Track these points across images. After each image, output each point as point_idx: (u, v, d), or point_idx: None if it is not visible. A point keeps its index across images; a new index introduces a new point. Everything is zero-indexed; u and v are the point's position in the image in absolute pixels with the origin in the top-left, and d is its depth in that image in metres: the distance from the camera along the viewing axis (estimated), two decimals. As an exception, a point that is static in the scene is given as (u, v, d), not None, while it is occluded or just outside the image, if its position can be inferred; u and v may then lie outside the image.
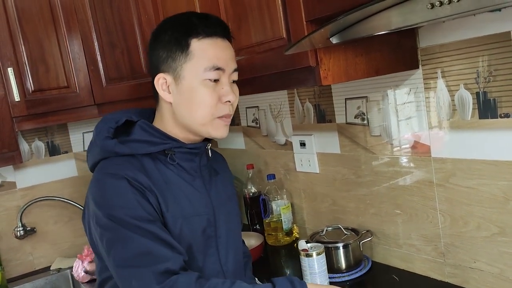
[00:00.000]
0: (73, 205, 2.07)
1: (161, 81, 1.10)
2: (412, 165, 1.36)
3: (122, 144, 1.08)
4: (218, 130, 1.10)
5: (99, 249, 1.08)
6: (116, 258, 1.01)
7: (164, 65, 1.08)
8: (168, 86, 1.09)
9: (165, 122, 1.13)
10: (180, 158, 1.12)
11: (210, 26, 1.07)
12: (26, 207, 1.99)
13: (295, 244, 1.58)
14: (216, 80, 1.07)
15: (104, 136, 1.10)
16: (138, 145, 1.09)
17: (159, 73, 1.09)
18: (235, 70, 1.11)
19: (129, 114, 1.15)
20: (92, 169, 1.13)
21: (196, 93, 1.07)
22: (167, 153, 1.11)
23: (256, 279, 1.37)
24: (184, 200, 1.10)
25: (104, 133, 1.10)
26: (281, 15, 1.12)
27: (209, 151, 1.19)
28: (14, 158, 1.70)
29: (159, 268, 0.97)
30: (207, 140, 1.19)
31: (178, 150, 1.11)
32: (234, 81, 1.13)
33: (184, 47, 1.06)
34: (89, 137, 2.19)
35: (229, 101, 1.09)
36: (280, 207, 1.79)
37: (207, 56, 1.06)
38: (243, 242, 1.37)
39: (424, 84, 1.28)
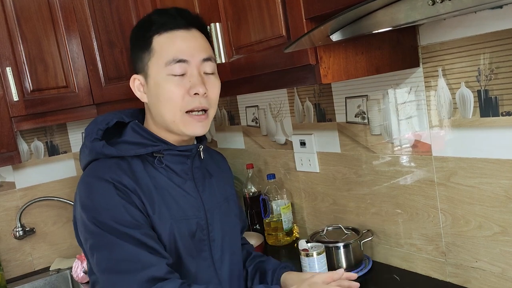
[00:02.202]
0: (72, 205, 2.06)
1: (136, 83, 1.10)
2: (413, 164, 1.35)
3: (110, 146, 1.07)
4: (189, 127, 1.07)
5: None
6: (100, 263, 1.01)
7: (135, 66, 1.10)
8: (143, 87, 1.10)
9: (149, 123, 1.13)
10: (170, 161, 1.10)
11: (171, 20, 1.06)
12: (25, 207, 1.98)
13: (296, 244, 1.58)
14: (183, 74, 1.04)
15: (93, 138, 1.09)
16: (126, 146, 1.08)
17: (133, 74, 1.11)
18: (206, 60, 1.07)
19: (121, 115, 1.14)
20: (84, 170, 1.13)
21: (162, 89, 1.04)
22: (155, 156, 1.09)
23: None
24: (172, 203, 1.08)
25: (93, 135, 1.10)
26: (281, 12, 1.11)
27: (201, 152, 1.17)
28: (13, 158, 1.70)
29: (144, 276, 0.97)
30: (199, 141, 1.17)
31: (168, 153, 1.10)
32: (211, 73, 1.08)
33: (147, 45, 1.06)
34: (88, 137, 2.20)
35: (197, 94, 1.04)
36: (280, 207, 1.78)
37: (167, 49, 1.04)
38: (247, 241, 1.36)
39: (425, 82, 1.27)
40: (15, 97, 1.66)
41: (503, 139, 1.12)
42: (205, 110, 1.07)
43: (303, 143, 1.71)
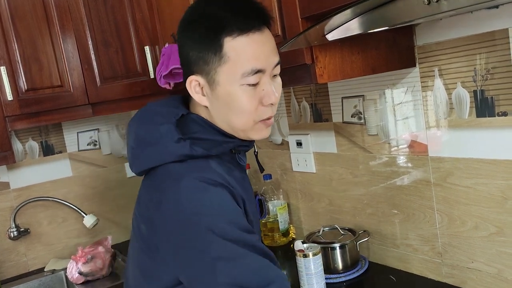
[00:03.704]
0: (68, 205, 2.05)
1: (193, 84, 0.96)
2: (409, 164, 1.35)
3: (195, 145, 0.95)
4: (260, 133, 0.98)
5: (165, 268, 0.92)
6: (223, 276, 0.85)
7: (196, 66, 0.94)
8: (201, 88, 0.96)
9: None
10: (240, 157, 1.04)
11: (245, 19, 0.90)
12: (20, 207, 1.97)
13: (292, 245, 1.57)
14: (256, 83, 0.93)
15: (176, 138, 0.95)
16: (208, 145, 0.96)
17: (191, 74, 0.96)
18: (277, 64, 0.95)
19: (179, 107, 1.01)
20: (143, 173, 1.00)
21: (234, 99, 0.93)
22: (234, 152, 1.00)
23: None
24: (250, 206, 1.00)
25: (175, 134, 0.95)
26: (276, 11, 1.11)
27: (254, 146, 1.09)
28: (7, 158, 1.68)
29: None
30: None
31: (241, 149, 1.02)
32: (275, 75, 0.97)
33: (216, 48, 0.90)
34: (84, 136, 2.18)
35: (272, 104, 0.95)
36: (276, 208, 1.78)
37: (245, 58, 0.90)
38: None
39: (421, 82, 1.26)
40: (9, 97, 1.65)
41: (499, 140, 1.12)
42: None
43: (299, 143, 1.71)
